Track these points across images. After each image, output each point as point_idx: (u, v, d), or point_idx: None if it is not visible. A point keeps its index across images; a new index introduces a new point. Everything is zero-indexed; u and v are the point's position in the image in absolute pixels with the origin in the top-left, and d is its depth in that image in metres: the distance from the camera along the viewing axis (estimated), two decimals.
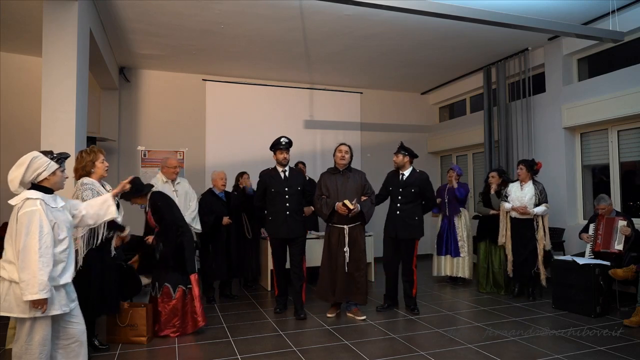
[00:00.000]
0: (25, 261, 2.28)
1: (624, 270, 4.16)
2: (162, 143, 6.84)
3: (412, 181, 4.48)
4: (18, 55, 5.99)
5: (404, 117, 8.37)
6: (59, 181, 2.53)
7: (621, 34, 4.30)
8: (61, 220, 2.47)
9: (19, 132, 5.85)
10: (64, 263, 2.47)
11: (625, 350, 3.32)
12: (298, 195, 4.42)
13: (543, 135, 5.99)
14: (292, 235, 4.34)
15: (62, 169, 2.55)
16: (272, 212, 4.37)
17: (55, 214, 2.45)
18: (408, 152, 4.53)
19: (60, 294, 2.44)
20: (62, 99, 3.76)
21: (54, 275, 2.38)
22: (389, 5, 3.48)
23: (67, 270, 2.49)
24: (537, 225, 4.86)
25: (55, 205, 2.48)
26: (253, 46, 5.88)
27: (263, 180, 4.46)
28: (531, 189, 4.88)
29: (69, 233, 2.54)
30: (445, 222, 5.89)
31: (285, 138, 4.44)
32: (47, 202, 2.42)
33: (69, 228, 2.54)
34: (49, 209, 2.40)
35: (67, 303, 2.48)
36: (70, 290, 2.55)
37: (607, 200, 4.66)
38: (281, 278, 4.48)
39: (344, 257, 4.18)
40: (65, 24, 3.80)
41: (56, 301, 2.40)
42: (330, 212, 4.21)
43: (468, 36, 5.56)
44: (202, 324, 3.84)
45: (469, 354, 3.30)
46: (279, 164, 4.45)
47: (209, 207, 4.93)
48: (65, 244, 2.46)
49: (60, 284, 2.43)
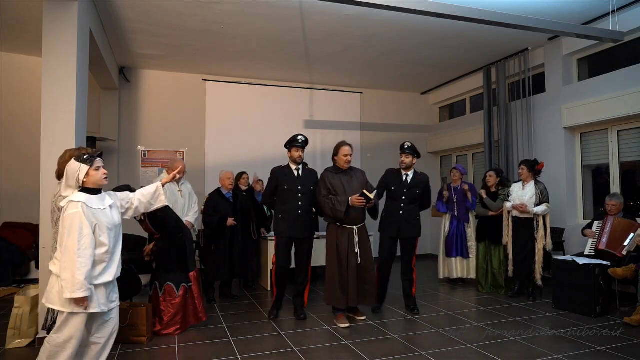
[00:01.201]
0: (65, 261, 2.39)
1: (624, 269, 4.16)
2: (162, 143, 6.84)
3: (416, 183, 4.50)
4: (18, 55, 5.99)
5: (404, 117, 8.37)
6: (95, 180, 2.57)
7: (621, 34, 4.30)
8: (103, 222, 2.52)
9: (19, 132, 5.86)
10: (105, 263, 2.53)
11: (625, 350, 3.32)
12: (310, 195, 4.31)
13: (543, 135, 5.99)
14: (302, 235, 4.24)
15: (96, 167, 2.58)
16: (283, 211, 4.25)
17: (98, 215, 2.52)
18: (417, 154, 4.53)
19: (100, 293, 2.51)
20: (62, 99, 3.75)
21: (93, 275, 2.46)
22: (389, 5, 3.48)
23: (107, 269, 2.55)
24: (537, 225, 4.86)
25: (99, 207, 2.55)
26: (253, 46, 5.88)
27: (275, 177, 4.33)
28: (532, 188, 4.89)
29: (114, 232, 2.60)
30: (455, 223, 5.85)
31: (302, 136, 4.32)
32: (89, 204, 2.49)
33: (112, 228, 2.59)
34: (91, 211, 2.48)
35: (106, 302, 2.55)
36: (112, 290, 2.63)
37: (620, 198, 4.67)
38: (283, 279, 4.33)
39: (355, 258, 4.05)
40: (65, 24, 3.80)
41: (95, 299, 2.48)
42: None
43: (468, 36, 5.56)
44: (204, 319, 3.99)
45: (469, 354, 3.30)
46: (294, 162, 4.33)
47: (215, 207, 4.92)
48: (105, 245, 2.51)
49: (99, 283, 2.50)
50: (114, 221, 2.63)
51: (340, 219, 4.05)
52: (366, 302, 4.19)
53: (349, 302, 4.07)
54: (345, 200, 4.02)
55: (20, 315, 3.56)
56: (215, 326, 4.07)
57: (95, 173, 2.57)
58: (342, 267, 4.06)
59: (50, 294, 2.49)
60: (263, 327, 4.04)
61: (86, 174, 2.53)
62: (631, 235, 4.34)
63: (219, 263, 4.94)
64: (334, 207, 4.04)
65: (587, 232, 4.79)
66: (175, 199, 4.50)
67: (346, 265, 4.05)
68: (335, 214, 4.06)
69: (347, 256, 4.06)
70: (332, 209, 4.05)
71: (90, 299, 2.45)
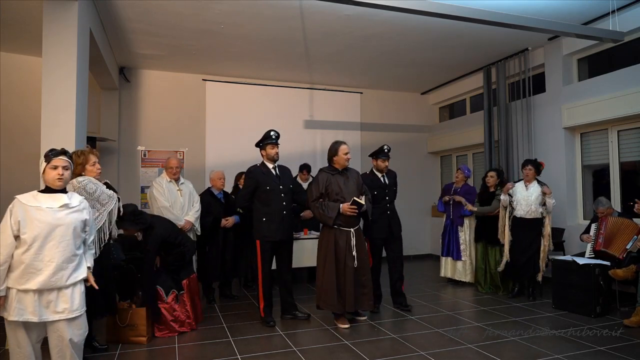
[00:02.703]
0: None
1: (624, 270, 4.16)
2: (162, 143, 6.84)
3: (392, 181, 4.68)
4: (18, 55, 5.99)
5: (404, 117, 8.37)
6: (49, 178, 2.43)
7: (621, 34, 4.30)
8: (35, 219, 2.31)
9: (19, 132, 5.85)
10: (24, 265, 2.29)
11: (625, 350, 3.32)
12: (290, 193, 4.21)
13: (543, 135, 5.99)
14: (287, 237, 4.15)
15: (53, 166, 2.41)
16: (266, 213, 4.06)
17: (33, 212, 2.33)
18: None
19: (27, 300, 2.29)
20: (62, 99, 3.75)
21: (12, 277, 2.30)
22: (389, 5, 3.48)
23: (35, 276, 2.30)
24: (544, 224, 4.86)
25: (41, 205, 2.37)
26: (253, 46, 5.88)
27: (254, 177, 4.11)
28: (537, 188, 4.89)
29: (53, 236, 2.35)
30: (449, 223, 5.91)
31: (274, 131, 4.15)
32: (25, 200, 2.35)
33: (50, 230, 2.34)
34: (22, 207, 2.33)
35: (36, 311, 2.29)
36: (57, 300, 2.35)
37: (604, 204, 4.67)
38: (270, 286, 4.16)
39: (353, 261, 3.95)
40: (65, 24, 3.79)
41: (14, 305, 2.29)
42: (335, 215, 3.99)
43: (468, 36, 5.56)
44: (195, 326, 3.95)
45: (468, 354, 3.30)
46: (270, 160, 4.16)
47: (207, 208, 4.90)
48: (27, 245, 2.29)
49: (21, 288, 2.29)
50: (60, 223, 2.37)
51: (329, 225, 3.98)
52: (364, 306, 4.12)
53: (347, 307, 3.94)
54: (336, 207, 3.94)
55: None
56: (215, 326, 4.07)
57: (49, 171, 2.41)
58: (340, 270, 3.96)
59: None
60: (263, 327, 4.04)
61: (43, 171, 2.42)
62: (634, 237, 4.34)
63: (211, 264, 4.91)
64: (324, 214, 3.95)
65: (584, 237, 4.78)
66: (174, 199, 4.50)
67: (343, 269, 3.95)
68: (324, 220, 3.99)
69: (345, 259, 3.96)
70: (322, 215, 3.96)
71: (7, 304, 2.27)
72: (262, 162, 4.24)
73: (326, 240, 4.03)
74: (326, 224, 4.00)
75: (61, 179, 2.43)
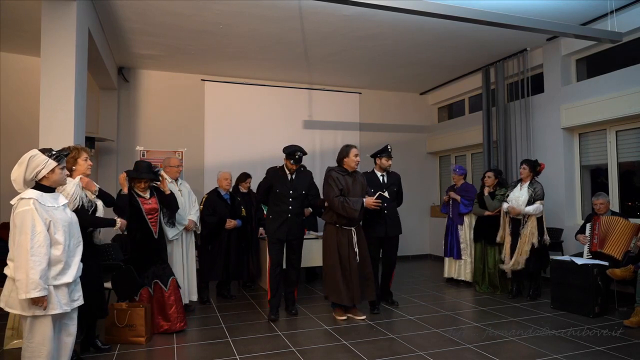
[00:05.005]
0: (18, 260, 2.30)
1: (622, 270, 4.17)
2: (161, 143, 6.82)
3: (393, 181, 4.70)
4: (17, 55, 5.98)
5: (403, 117, 8.37)
6: (58, 179, 2.51)
7: (619, 34, 4.31)
8: (58, 219, 2.43)
9: (18, 132, 5.84)
10: (63, 263, 2.44)
11: (624, 351, 3.32)
12: (302, 198, 4.43)
13: (542, 136, 6.00)
14: (290, 237, 4.34)
15: (62, 166, 2.53)
16: (273, 212, 4.36)
17: (53, 213, 2.43)
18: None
19: (61, 294, 2.43)
20: (60, 99, 3.75)
21: (51, 275, 2.38)
22: (389, 6, 3.48)
23: (66, 270, 2.46)
24: (525, 222, 4.86)
25: (53, 205, 2.46)
26: (252, 46, 5.88)
27: (270, 177, 4.43)
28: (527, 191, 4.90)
29: (71, 231, 2.52)
30: (450, 223, 5.92)
31: (300, 152, 4.31)
32: (42, 201, 2.40)
33: (68, 226, 2.51)
34: (44, 208, 2.39)
35: (68, 302, 2.47)
36: (74, 288, 2.56)
37: (605, 197, 4.69)
38: (277, 280, 4.35)
39: (355, 257, 4.18)
40: (63, 24, 3.79)
41: (55, 300, 2.39)
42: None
43: (467, 36, 5.56)
44: (160, 331, 3.84)
45: (468, 354, 3.30)
46: (287, 169, 4.41)
47: (213, 208, 4.93)
48: (61, 244, 2.42)
49: (59, 283, 2.42)
50: (70, 219, 2.55)
51: (354, 219, 4.14)
52: (368, 296, 4.28)
53: (354, 300, 4.15)
54: (359, 201, 4.13)
55: (18, 316, 3.55)
56: (214, 326, 4.07)
57: (60, 172, 2.52)
58: (344, 266, 4.16)
59: (9, 298, 2.39)
60: (262, 327, 4.04)
61: (51, 171, 2.47)
62: (634, 239, 4.35)
63: (214, 263, 4.94)
64: (350, 206, 4.06)
65: (580, 237, 4.77)
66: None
67: (348, 265, 4.16)
68: (350, 214, 4.09)
69: (348, 256, 4.17)
70: (348, 208, 4.06)
71: (49, 300, 2.35)
72: (283, 165, 4.44)
73: (330, 240, 4.24)
74: (352, 217, 4.13)
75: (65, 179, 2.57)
